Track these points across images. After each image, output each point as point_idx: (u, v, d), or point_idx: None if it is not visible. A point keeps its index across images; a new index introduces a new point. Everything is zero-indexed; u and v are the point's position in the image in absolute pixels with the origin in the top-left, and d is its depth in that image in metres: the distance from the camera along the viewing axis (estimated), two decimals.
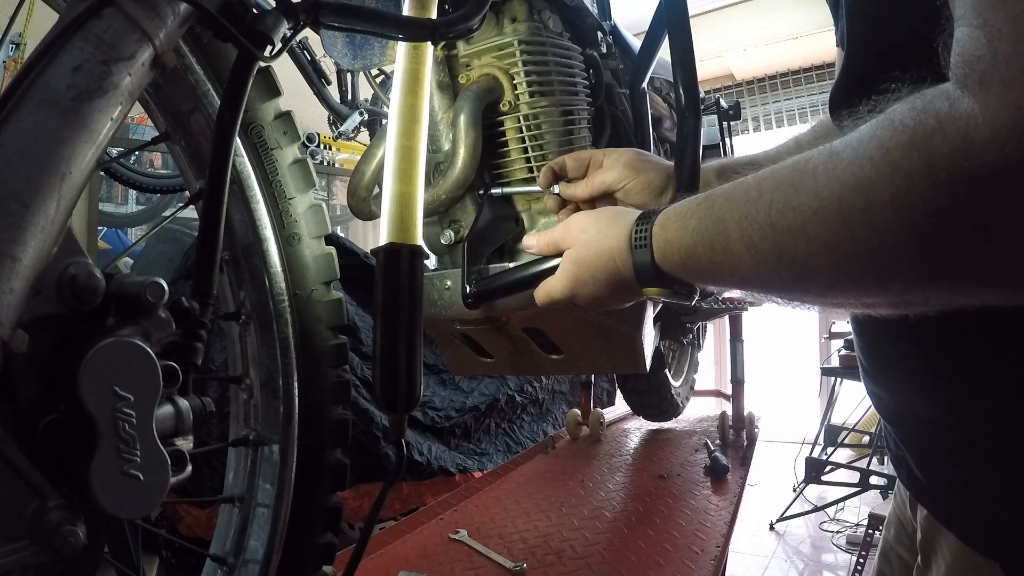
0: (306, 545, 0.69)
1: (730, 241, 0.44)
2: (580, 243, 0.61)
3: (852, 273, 0.36)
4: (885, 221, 0.33)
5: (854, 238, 0.34)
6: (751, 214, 0.42)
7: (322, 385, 0.70)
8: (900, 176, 0.32)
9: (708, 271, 0.48)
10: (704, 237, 0.47)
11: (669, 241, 0.52)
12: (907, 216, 0.32)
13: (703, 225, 0.47)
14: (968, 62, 0.31)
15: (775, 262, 0.40)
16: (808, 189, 0.37)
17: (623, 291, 0.58)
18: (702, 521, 1.22)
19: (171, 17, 0.45)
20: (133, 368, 0.41)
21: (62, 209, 0.38)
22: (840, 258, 0.36)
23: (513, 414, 2.36)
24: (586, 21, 1.02)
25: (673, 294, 0.55)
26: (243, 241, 0.65)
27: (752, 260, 0.42)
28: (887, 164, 0.32)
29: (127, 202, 3.00)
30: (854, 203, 0.34)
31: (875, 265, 0.35)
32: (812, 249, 0.37)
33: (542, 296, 0.65)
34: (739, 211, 0.43)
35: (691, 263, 0.50)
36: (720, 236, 0.45)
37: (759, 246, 0.41)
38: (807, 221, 0.37)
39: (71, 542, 0.38)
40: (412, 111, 0.63)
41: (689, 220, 0.49)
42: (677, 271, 0.52)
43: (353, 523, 1.79)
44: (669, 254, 0.52)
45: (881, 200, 0.33)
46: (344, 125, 2.12)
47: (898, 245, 0.33)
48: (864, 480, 2.96)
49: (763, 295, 0.47)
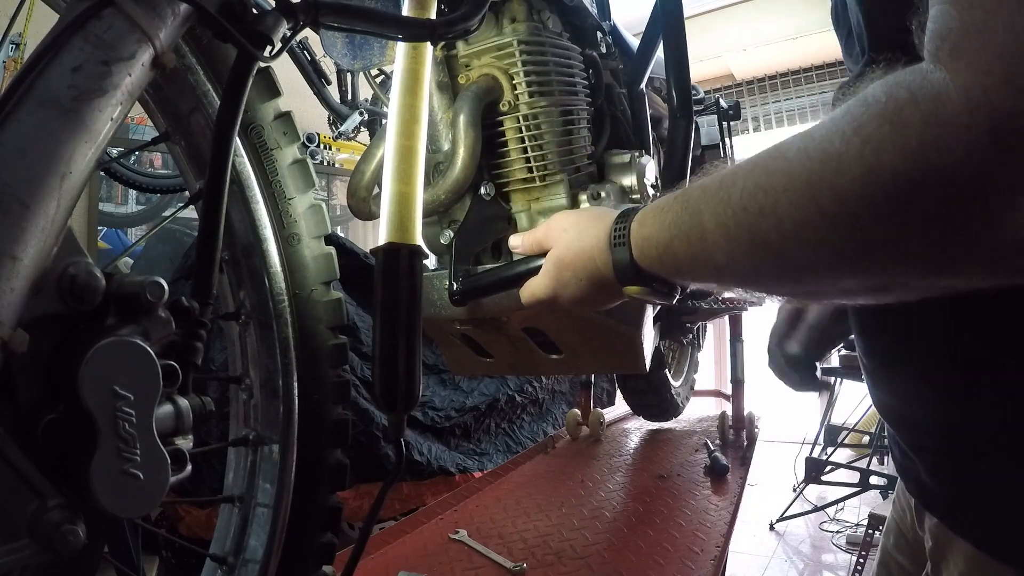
0: (306, 545, 0.69)
1: (705, 231, 0.43)
2: (562, 243, 0.61)
3: (824, 253, 0.36)
4: (856, 194, 0.32)
5: (824, 213, 0.34)
6: (725, 200, 0.41)
7: (322, 385, 0.70)
8: (870, 147, 0.31)
9: (685, 264, 0.48)
10: (681, 230, 0.47)
11: (646, 238, 0.51)
12: (878, 187, 0.31)
13: (679, 218, 0.47)
14: (940, 35, 0.30)
15: (748, 247, 0.40)
16: (779, 170, 0.37)
17: (604, 291, 0.58)
18: (702, 521, 1.22)
19: (171, 17, 0.45)
20: (133, 367, 0.41)
21: (62, 209, 0.38)
22: (812, 236, 0.35)
23: (513, 414, 2.36)
24: (586, 21, 1.02)
25: (652, 292, 0.54)
26: (243, 241, 0.65)
27: (727, 248, 0.42)
28: (858, 136, 0.32)
29: (127, 202, 3.00)
30: (823, 178, 0.33)
31: (847, 242, 0.34)
32: (784, 229, 0.36)
33: (526, 296, 0.66)
34: (714, 200, 0.43)
35: (668, 258, 0.49)
36: (696, 228, 0.45)
37: (733, 232, 0.41)
38: (778, 199, 0.36)
39: (71, 542, 0.38)
40: (412, 111, 0.63)
41: (666, 214, 0.49)
42: (656, 268, 0.52)
43: (353, 523, 1.79)
44: (647, 251, 0.51)
45: (851, 173, 0.32)
46: (344, 125, 2.12)
47: (869, 218, 0.32)
48: (864, 480, 2.96)
49: (739, 287, 0.46)
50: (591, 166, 0.95)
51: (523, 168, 0.88)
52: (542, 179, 0.88)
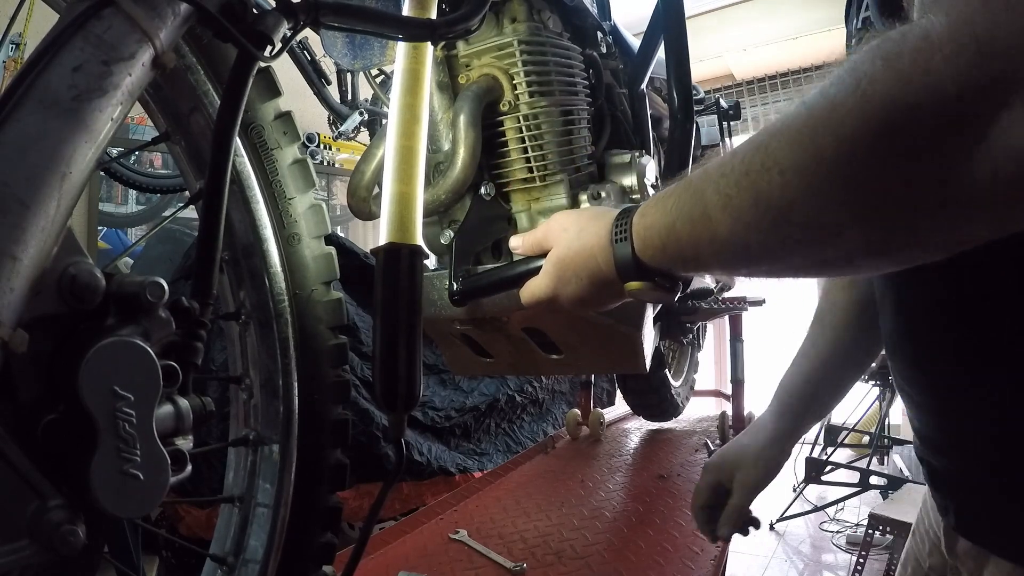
0: (306, 545, 0.69)
1: (708, 207, 0.43)
2: (562, 242, 0.60)
3: (827, 199, 0.36)
4: (853, 127, 0.33)
5: (824, 155, 0.34)
6: (727, 172, 0.42)
7: (322, 385, 0.70)
8: (865, 81, 0.32)
9: (688, 247, 0.47)
10: (683, 211, 0.46)
11: (648, 227, 0.51)
12: (873, 116, 0.32)
13: (681, 201, 0.47)
14: (929, 2, 0.32)
15: (752, 211, 0.40)
16: (778, 126, 0.38)
17: (605, 290, 0.58)
18: None
19: (171, 17, 0.45)
20: (133, 368, 0.41)
21: (62, 209, 0.38)
22: (814, 181, 0.35)
23: (513, 414, 2.36)
24: (586, 21, 1.02)
25: (655, 287, 0.54)
26: (243, 241, 0.65)
27: (730, 219, 0.42)
28: (852, 76, 0.33)
29: (127, 202, 3.00)
30: (821, 117, 0.34)
31: (848, 181, 0.34)
32: (786, 180, 0.37)
33: (527, 296, 0.65)
34: (715, 175, 0.43)
35: (671, 243, 0.49)
36: (698, 206, 0.45)
37: (735, 200, 0.41)
38: (778, 151, 0.37)
39: (71, 542, 0.38)
40: (412, 111, 0.63)
41: (668, 200, 0.49)
42: (658, 258, 0.51)
43: (353, 523, 1.79)
44: (649, 240, 0.51)
45: (847, 106, 0.33)
46: (344, 125, 2.12)
47: (866, 151, 0.33)
48: (864, 480, 2.96)
49: (742, 266, 0.46)
50: (591, 166, 0.95)
51: (523, 168, 0.88)
52: (542, 179, 0.88)
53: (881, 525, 2.20)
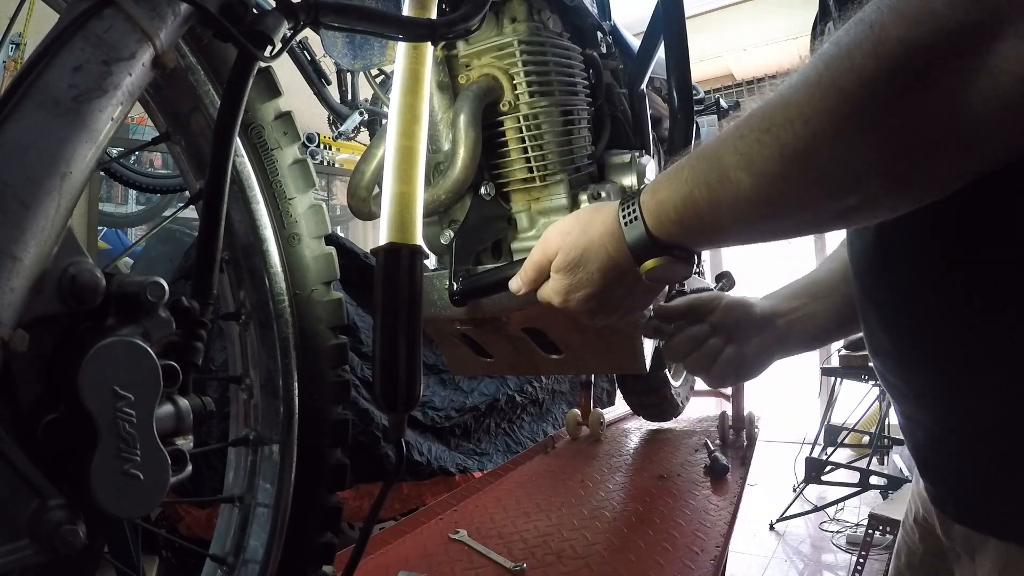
0: (306, 545, 0.69)
1: (727, 169, 0.44)
2: (566, 246, 0.59)
3: (851, 140, 0.38)
4: (872, 68, 0.36)
5: (847, 97, 0.37)
6: (744, 135, 0.43)
7: (322, 385, 0.70)
8: (877, 27, 0.36)
9: (708, 212, 0.48)
10: (700, 179, 0.47)
11: (662, 202, 0.51)
12: (889, 55, 0.35)
13: (697, 169, 0.47)
14: None
15: (777, 163, 0.41)
16: (791, 84, 0.41)
17: (617, 282, 0.57)
18: (702, 521, 1.22)
19: (171, 17, 0.45)
20: (133, 368, 0.41)
21: (62, 209, 0.38)
22: (838, 122, 0.38)
23: (513, 414, 2.36)
24: (586, 21, 1.02)
25: (673, 261, 0.53)
26: (243, 241, 0.65)
27: (752, 177, 0.43)
28: (862, 24, 0.37)
29: (127, 202, 3.00)
30: (839, 66, 0.37)
31: (871, 120, 0.37)
32: (810, 129, 0.39)
33: (543, 297, 0.65)
34: (731, 139, 0.45)
35: (688, 212, 0.49)
36: (716, 170, 0.46)
37: (757, 157, 0.42)
38: (800, 102, 0.40)
39: (71, 542, 0.38)
40: (412, 111, 0.63)
41: (681, 173, 0.49)
42: (674, 231, 0.51)
43: (353, 523, 1.79)
44: (663, 215, 0.51)
45: (862, 51, 0.36)
46: (344, 125, 2.12)
47: (886, 88, 0.36)
48: (864, 480, 2.96)
49: (763, 226, 0.46)
50: (591, 166, 0.95)
51: (523, 168, 0.88)
52: (542, 179, 0.88)
53: (881, 525, 2.20)
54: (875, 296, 0.56)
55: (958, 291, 0.48)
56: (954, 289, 0.48)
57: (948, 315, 0.49)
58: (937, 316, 0.50)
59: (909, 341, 0.54)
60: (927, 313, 0.50)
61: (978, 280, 0.46)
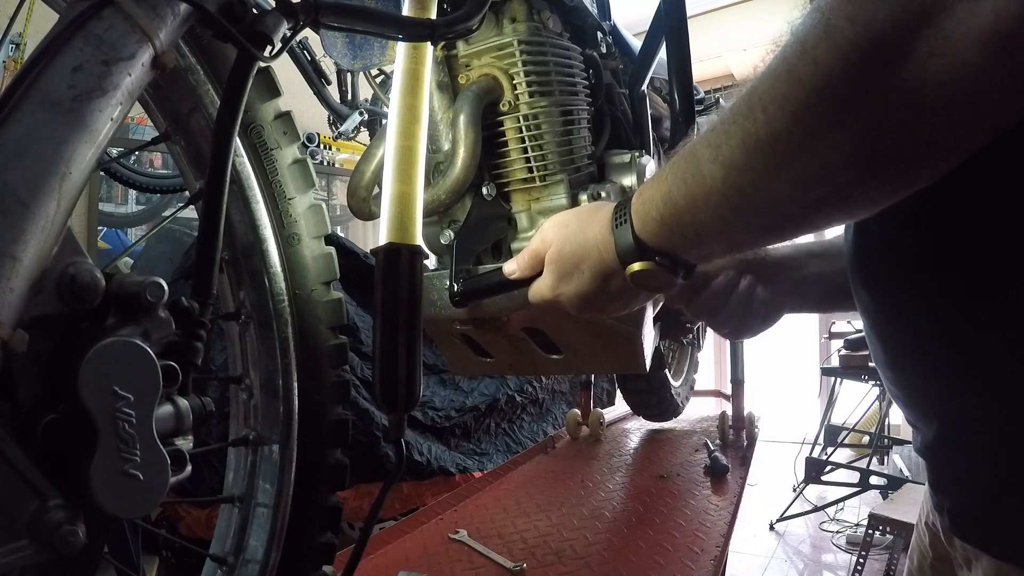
0: (306, 545, 0.69)
1: (700, 162, 0.45)
2: (561, 238, 0.60)
3: (809, 125, 0.37)
4: (824, 51, 0.36)
5: (802, 82, 0.37)
6: (715, 127, 0.43)
7: (322, 385, 0.70)
8: (827, 12, 0.35)
9: (686, 211, 0.48)
10: (678, 176, 0.47)
11: (647, 201, 0.51)
12: (840, 37, 0.35)
13: (676, 167, 0.48)
14: None
15: (741, 152, 0.41)
16: (757, 75, 0.41)
17: (606, 284, 0.57)
18: (702, 521, 1.22)
19: (171, 17, 0.45)
20: (133, 368, 0.41)
21: (62, 209, 0.38)
22: (795, 108, 0.37)
23: (513, 414, 2.36)
24: (586, 21, 1.02)
25: (657, 268, 0.53)
26: (243, 241, 0.65)
27: (722, 168, 0.43)
28: (815, 12, 0.36)
29: (127, 202, 3.00)
30: (795, 53, 0.37)
31: (827, 101, 0.36)
32: (769, 115, 0.39)
33: (534, 296, 0.65)
34: (706, 133, 0.45)
35: (669, 211, 0.49)
36: (691, 166, 0.46)
37: (725, 147, 0.42)
38: (761, 92, 0.40)
39: (71, 542, 0.38)
40: (412, 111, 0.63)
41: (663, 172, 0.49)
42: (657, 233, 0.51)
43: (353, 523, 1.79)
44: (647, 215, 0.51)
45: (815, 36, 0.36)
46: (344, 125, 2.12)
47: (840, 69, 0.35)
48: (864, 480, 2.96)
49: (741, 217, 0.46)
50: (591, 166, 0.95)
51: (523, 168, 0.88)
52: (542, 179, 0.88)
53: (881, 525, 2.20)
54: (863, 302, 0.57)
55: (939, 309, 0.48)
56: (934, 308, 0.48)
57: (931, 333, 0.49)
58: (922, 331, 0.50)
59: (900, 352, 0.54)
60: (913, 325, 0.51)
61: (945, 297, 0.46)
